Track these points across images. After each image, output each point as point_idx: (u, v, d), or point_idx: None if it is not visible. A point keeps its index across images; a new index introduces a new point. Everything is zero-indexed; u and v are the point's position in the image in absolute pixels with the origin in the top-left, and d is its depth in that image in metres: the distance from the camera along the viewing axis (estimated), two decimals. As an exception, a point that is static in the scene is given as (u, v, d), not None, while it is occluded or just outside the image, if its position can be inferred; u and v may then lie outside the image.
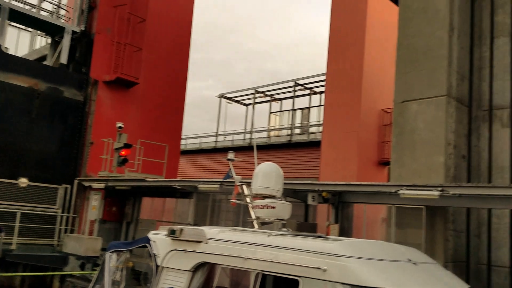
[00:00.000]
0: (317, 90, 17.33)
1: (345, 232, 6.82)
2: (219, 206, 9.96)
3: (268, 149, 16.46)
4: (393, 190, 5.89)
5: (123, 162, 9.96)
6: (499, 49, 6.57)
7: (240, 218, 8.88)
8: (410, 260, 3.25)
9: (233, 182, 4.79)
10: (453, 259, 6.14)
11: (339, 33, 13.27)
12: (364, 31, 12.69)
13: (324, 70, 14.07)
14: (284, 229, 3.94)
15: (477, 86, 6.71)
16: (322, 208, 8.03)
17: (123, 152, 9.91)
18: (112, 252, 4.49)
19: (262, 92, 18.92)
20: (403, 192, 5.74)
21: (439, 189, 5.46)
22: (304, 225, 8.74)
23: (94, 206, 10.80)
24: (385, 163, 12.40)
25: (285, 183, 6.26)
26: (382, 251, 3.35)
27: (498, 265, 6.22)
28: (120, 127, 9.87)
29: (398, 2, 7.19)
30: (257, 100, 19.27)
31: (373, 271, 2.99)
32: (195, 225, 8.46)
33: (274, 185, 4.39)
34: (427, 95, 6.38)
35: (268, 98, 19.13)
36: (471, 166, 6.51)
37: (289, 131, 17.47)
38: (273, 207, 4.22)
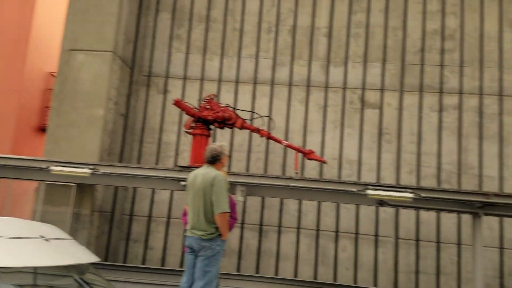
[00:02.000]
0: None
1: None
2: None
3: None
4: (44, 165, 5.68)
5: None
6: (162, 22, 7.45)
7: None
8: (42, 237, 3.20)
9: None
10: (100, 209, 6.51)
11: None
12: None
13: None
14: None
15: (141, 52, 7.37)
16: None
17: None
18: None
19: None
20: (55, 168, 5.61)
21: (91, 167, 5.63)
22: None
23: None
24: (45, 129, 11.70)
25: None
26: (11, 229, 3.13)
27: (139, 215, 7.01)
28: None
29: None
30: None
31: None
32: None
33: None
34: (94, 48, 6.50)
35: None
36: (128, 124, 7.07)
37: None
38: None
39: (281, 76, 7.17)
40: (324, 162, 6.28)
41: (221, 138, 6.96)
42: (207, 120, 6.06)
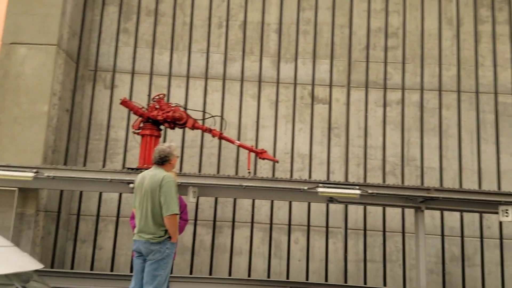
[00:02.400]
0: None
1: None
2: None
3: None
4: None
5: None
6: (109, 16, 7.22)
7: None
8: None
9: None
10: (45, 208, 6.22)
11: None
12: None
13: None
14: None
15: (87, 46, 7.11)
16: None
17: None
18: None
19: None
20: None
21: (34, 170, 5.39)
22: None
23: None
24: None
25: None
26: None
27: (87, 214, 6.78)
28: None
29: None
30: None
31: None
32: None
33: None
34: (37, 41, 6.19)
35: None
36: (73, 120, 6.80)
37: None
38: None
39: (232, 71, 7.19)
40: (276, 161, 6.35)
41: (173, 134, 6.87)
42: (156, 121, 5.90)
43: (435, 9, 7.36)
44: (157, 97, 6.05)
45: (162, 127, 6.06)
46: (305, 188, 5.43)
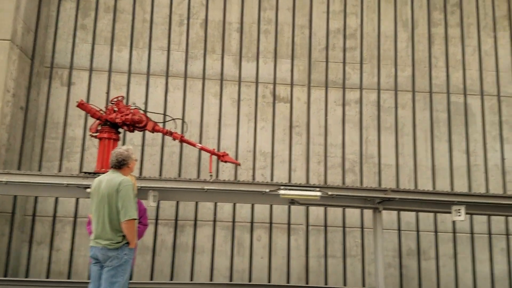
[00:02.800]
0: None
1: None
2: None
3: None
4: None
5: None
6: (66, 12, 7.02)
7: None
8: None
9: None
10: (0, 210, 6.00)
11: None
12: None
13: None
14: None
15: (42, 42, 6.89)
16: None
17: None
18: None
19: None
20: None
21: None
22: None
23: None
24: None
25: None
26: None
27: (43, 215, 6.56)
28: None
29: None
30: None
31: None
32: None
33: None
34: (-10, 36, 6.01)
35: None
36: (28, 118, 6.57)
37: None
38: None
39: (194, 70, 7.16)
40: (238, 164, 6.34)
41: (133, 134, 6.76)
42: (115, 123, 5.67)
43: (391, 11, 7.62)
44: (115, 99, 5.86)
45: (121, 129, 5.92)
46: (267, 190, 5.43)
